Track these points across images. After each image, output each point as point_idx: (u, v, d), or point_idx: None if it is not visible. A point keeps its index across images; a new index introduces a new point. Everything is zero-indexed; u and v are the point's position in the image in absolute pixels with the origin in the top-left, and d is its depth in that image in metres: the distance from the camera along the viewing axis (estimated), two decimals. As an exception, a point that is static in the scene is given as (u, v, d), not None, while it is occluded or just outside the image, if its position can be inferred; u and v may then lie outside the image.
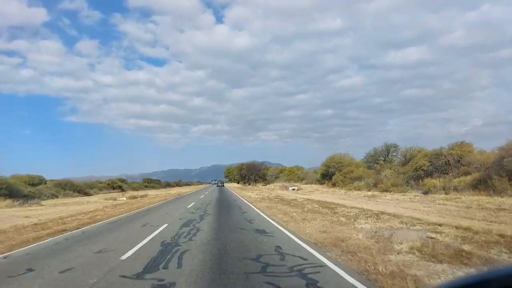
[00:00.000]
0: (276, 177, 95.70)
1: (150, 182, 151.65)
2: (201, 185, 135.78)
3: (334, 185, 44.58)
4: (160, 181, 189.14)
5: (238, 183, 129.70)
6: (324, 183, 50.61)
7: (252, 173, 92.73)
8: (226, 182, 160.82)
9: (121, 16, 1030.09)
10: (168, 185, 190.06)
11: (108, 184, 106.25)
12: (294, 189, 51.18)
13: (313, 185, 53.22)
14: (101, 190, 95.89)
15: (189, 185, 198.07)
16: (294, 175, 72.37)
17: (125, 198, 46.75)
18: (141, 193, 76.43)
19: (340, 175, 43.99)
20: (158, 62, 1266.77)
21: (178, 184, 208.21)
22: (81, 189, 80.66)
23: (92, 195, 79.57)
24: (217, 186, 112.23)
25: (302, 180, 64.78)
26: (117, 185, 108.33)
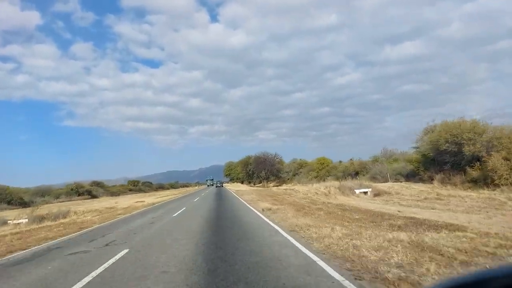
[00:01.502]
0: (295, 174, 69.39)
1: (136, 185, 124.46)
2: (196, 187, 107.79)
3: (490, 183, 18.27)
4: (151, 183, 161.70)
5: (242, 182, 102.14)
6: (430, 179, 24.26)
7: (262, 169, 66.36)
8: (226, 182, 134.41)
9: (115, 17, 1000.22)
10: (161, 187, 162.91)
11: (72, 189, 79.23)
12: (366, 192, 25.14)
13: (401, 183, 26.95)
14: (57, 197, 69.22)
15: (187, 186, 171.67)
16: (334, 170, 45.95)
17: (24, 221, 21.04)
18: (93, 204, 50.09)
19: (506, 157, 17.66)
20: (153, 64, 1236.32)
21: (173, 186, 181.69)
22: (13, 198, 54.03)
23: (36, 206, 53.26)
24: (216, 187, 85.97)
25: (351, 177, 38.48)
26: (85, 190, 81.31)
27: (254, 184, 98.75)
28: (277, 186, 71.38)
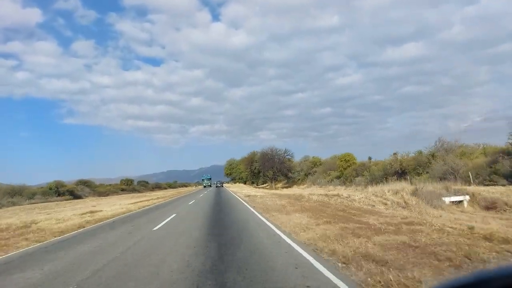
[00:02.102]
0: (307, 174, 59.09)
1: (129, 184, 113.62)
2: (193, 187, 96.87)
3: None
4: (147, 182, 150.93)
5: (245, 183, 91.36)
6: None
7: (269, 168, 56.11)
8: (226, 182, 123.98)
9: (116, 15, 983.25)
10: (157, 187, 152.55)
11: (51, 189, 68.66)
12: (461, 201, 15.08)
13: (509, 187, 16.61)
14: (31, 198, 58.91)
15: (185, 186, 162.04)
16: (365, 169, 35.65)
17: None
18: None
19: None
20: (155, 62, 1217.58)
21: (171, 186, 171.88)
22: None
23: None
24: (216, 187, 76.06)
25: (396, 177, 28.37)
26: (66, 190, 70.73)
27: (257, 185, 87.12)
28: (286, 187, 60.96)
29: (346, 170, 39.53)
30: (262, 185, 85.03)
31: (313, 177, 54.49)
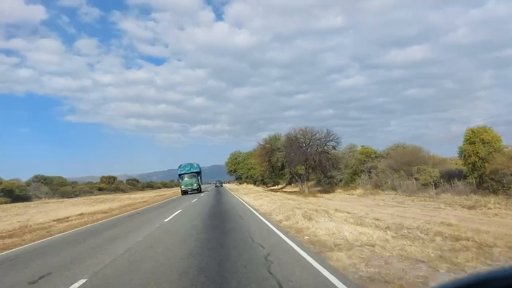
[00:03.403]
0: (357, 173, 37.92)
1: (112, 182, 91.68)
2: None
3: None
4: (137, 181, 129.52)
5: (255, 183, 68.58)
6: None
7: (301, 161, 34.75)
8: (226, 182, 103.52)
9: (120, 14, 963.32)
10: (149, 186, 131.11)
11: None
12: None
13: None
14: None
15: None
16: None
17: None
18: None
19: None
20: (157, 61, 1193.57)
21: (166, 185, 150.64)
22: None
23: None
24: (216, 186, 55.26)
25: None
26: (5, 189, 48.83)
27: (267, 186, 63.92)
28: (323, 192, 39.04)
29: (490, 164, 18.26)
30: (273, 187, 62.01)
31: (373, 177, 33.15)
